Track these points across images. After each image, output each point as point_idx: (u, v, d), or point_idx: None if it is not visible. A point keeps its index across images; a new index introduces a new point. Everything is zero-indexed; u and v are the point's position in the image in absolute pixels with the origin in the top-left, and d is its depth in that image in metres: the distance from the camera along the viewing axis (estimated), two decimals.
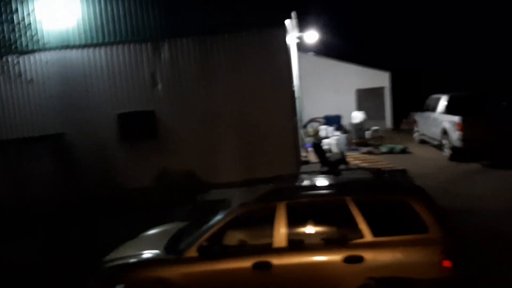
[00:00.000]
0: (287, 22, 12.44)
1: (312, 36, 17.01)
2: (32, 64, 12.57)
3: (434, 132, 15.16)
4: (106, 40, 12.41)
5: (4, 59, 11.76)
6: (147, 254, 5.30)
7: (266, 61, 12.11)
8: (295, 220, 5.02)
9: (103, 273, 5.26)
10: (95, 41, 12.41)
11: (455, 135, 13.12)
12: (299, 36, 16.32)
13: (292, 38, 14.57)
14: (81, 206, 11.17)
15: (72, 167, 12.39)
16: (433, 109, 15.39)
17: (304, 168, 13.51)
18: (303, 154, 15.24)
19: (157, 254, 5.22)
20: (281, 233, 4.92)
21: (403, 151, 15.58)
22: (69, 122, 12.60)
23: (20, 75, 12.09)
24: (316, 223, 5.14)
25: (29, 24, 11.82)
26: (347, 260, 4.75)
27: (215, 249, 4.93)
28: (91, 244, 8.63)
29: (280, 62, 12.23)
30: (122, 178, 12.47)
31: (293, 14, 12.79)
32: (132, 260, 5.23)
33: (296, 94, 14.56)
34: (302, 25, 16.19)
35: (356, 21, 30.87)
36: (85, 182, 12.25)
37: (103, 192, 12.05)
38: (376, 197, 5.19)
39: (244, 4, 12.07)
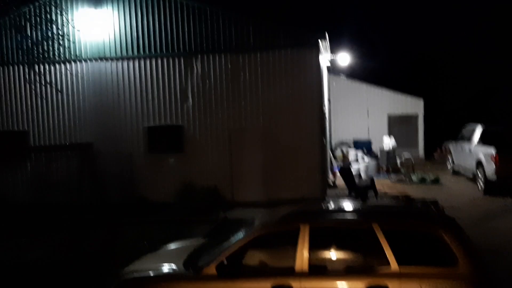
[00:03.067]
0: (321, 43, 12.40)
1: (344, 58, 16.91)
2: (67, 74, 12.91)
3: (468, 164, 14.65)
4: (141, 53, 12.65)
5: (40, 69, 12.10)
6: (166, 268, 5.21)
7: (298, 81, 12.07)
8: (318, 244, 4.84)
9: (121, 284, 5.19)
10: (129, 54, 12.68)
11: (490, 168, 12.64)
12: (331, 58, 16.25)
13: (324, 59, 14.50)
14: (104, 214, 11.25)
15: (98, 176, 12.55)
16: (468, 139, 14.89)
17: (330, 192, 13.26)
18: (330, 177, 15.00)
19: (175, 269, 5.13)
20: (303, 256, 4.75)
21: (435, 182, 15.11)
22: (99, 132, 12.82)
23: (54, 85, 12.41)
24: (340, 248, 4.96)
25: (67, 34, 12.14)
26: None
27: (234, 268, 4.80)
28: (110, 253, 8.61)
29: (311, 83, 12.17)
30: (146, 190, 12.55)
31: (326, 35, 12.75)
32: (150, 274, 5.15)
33: (326, 116, 14.42)
34: (334, 48, 16.13)
35: (390, 45, 30.61)
36: (110, 191, 12.37)
37: (127, 203, 12.13)
38: (405, 225, 4.98)
39: (278, 24, 12.14)
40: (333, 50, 16.12)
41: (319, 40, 12.29)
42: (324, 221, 5.10)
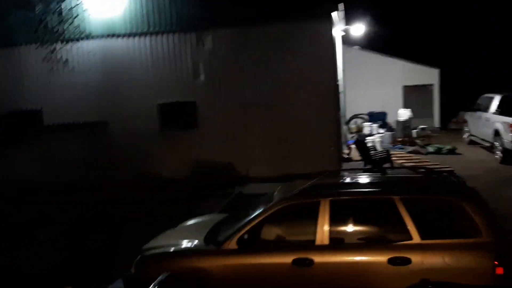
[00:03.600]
0: (334, 14, 12.12)
1: (358, 29, 16.59)
2: (79, 52, 12.81)
3: (485, 133, 14.51)
4: (151, 29, 12.50)
5: (50, 47, 12.04)
6: (187, 244, 5.24)
7: (311, 53, 11.85)
8: (339, 218, 4.83)
9: (143, 260, 5.24)
10: (139, 30, 12.53)
11: (508, 137, 12.47)
12: (345, 29, 15.93)
13: (338, 30, 14.22)
14: (119, 192, 11.36)
15: (112, 154, 12.62)
16: (485, 109, 14.73)
17: (346, 165, 13.18)
18: (345, 151, 14.90)
19: (196, 245, 5.16)
20: (324, 230, 4.74)
21: (451, 152, 14.98)
22: (111, 110, 12.83)
23: (65, 63, 12.36)
24: (361, 221, 4.94)
25: (76, 13, 12.02)
26: (393, 261, 4.52)
27: (255, 242, 4.81)
28: (126, 230, 8.71)
29: (325, 54, 11.95)
30: (160, 167, 12.58)
31: (340, 6, 12.45)
32: (171, 249, 5.19)
33: (340, 88, 14.23)
34: (348, 18, 15.79)
35: (405, 14, 29.82)
36: (124, 168, 12.46)
37: (141, 180, 12.21)
38: (426, 197, 4.95)
39: None
40: (347, 19, 15.79)
41: (333, 11, 11.99)
42: (344, 195, 5.06)
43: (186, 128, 12.71)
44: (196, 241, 5.22)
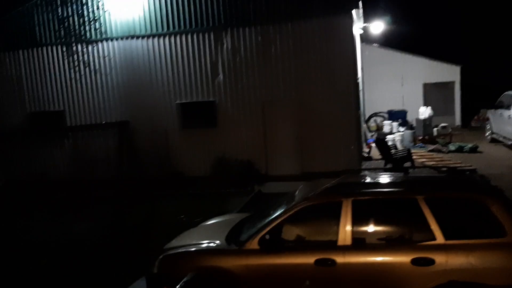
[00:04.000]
0: (354, 11, 12.03)
1: (377, 26, 16.43)
2: (100, 53, 13.00)
3: (507, 131, 14.26)
4: (171, 29, 12.59)
5: (73, 49, 12.26)
6: (208, 243, 5.27)
7: (331, 51, 11.78)
8: (361, 218, 4.78)
9: (165, 260, 5.29)
10: (160, 30, 12.64)
11: None
12: (364, 27, 15.80)
13: (357, 28, 14.12)
14: (141, 189, 11.50)
15: (135, 153, 12.78)
16: (507, 106, 14.46)
17: (366, 164, 13.10)
18: (365, 149, 14.80)
19: (218, 244, 5.19)
20: (346, 230, 4.71)
21: (473, 150, 14.73)
22: (132, 110, 12.99)
23: (88, 64, 12.56)
24: (384, 222, 4.88)
25: (98, 14, 12.22)
26: (416, 262, 4.48)
27: (277, 242, 4.81)
28: (148, 227, 8.80)
29: (345, 52, 11.86)
30: (181, 165, 12.72)
31: (359, 3, 12.35)
32: (193, 249, 5.23)
33: (360, 86, 14.14)
34: (366, 16, 15.65)
35: (425, 11, 29.47)
36: (146, 167, 12.61)
37: (163, 178, 12.35)
38: (450, 196, 4.86)
39: None
40: (366, 16, 15.66)
41: (353, 9, 11.89)
42: (367, 194, 5.02)
43: (206, 127, 12.79)
44: (217, 241, 5.25)
